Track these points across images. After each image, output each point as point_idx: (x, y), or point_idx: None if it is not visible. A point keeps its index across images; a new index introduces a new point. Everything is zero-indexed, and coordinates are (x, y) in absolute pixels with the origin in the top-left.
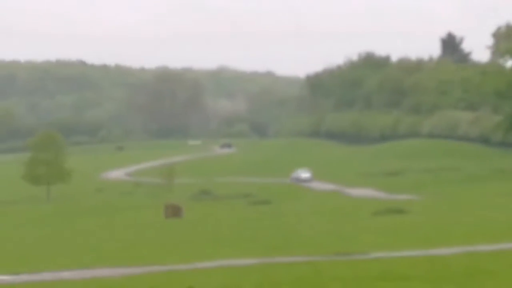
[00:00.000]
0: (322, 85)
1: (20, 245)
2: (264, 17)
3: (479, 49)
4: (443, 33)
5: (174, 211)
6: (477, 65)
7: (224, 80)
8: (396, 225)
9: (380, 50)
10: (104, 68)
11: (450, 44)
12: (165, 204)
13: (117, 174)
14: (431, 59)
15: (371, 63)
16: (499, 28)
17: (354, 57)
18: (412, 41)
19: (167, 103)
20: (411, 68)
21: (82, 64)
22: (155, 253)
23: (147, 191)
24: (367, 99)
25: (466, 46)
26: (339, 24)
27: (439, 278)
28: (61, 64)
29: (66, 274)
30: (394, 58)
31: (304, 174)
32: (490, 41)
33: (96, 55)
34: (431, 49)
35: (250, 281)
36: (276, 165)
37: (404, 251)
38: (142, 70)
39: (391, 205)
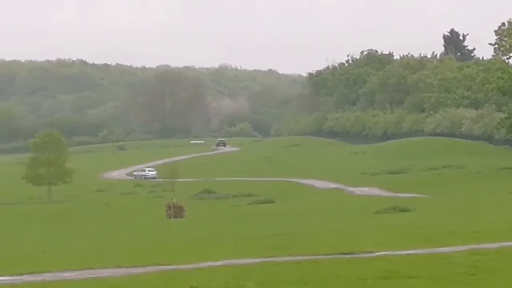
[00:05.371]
0: (324, 83)
1: (21, 245)
2: (266, 15)
3: (482, 46)
4: (446, 30)
5: (176, 211)
6: (480, 62)
7: (225, 79)
8: (400, 224)
9: (382, 47)
10: (105, 67)
11: (453, 41)
12: (167, 203)
13: (118, 174)
14: (434, 57)
15: (373, 61)
16: (502, 25)
17: (357, 55)
18: (415, 38)
19: (168, 102)
20: (414, 65)
21: (83, 63)
22: (157, 253)
23: (149, 190)
24: (369, 97)
25: (469, 43)
26: (342, 21)
27: (443, 277)
28: (62, 64)
29: (67, 275)
30: (397, 55)
31: (151, 172)
32: (493, 38)
33: (97, 54)
34: (434, 46)
35: (253, 280)
36: (279, 164)
37: (409, 250)
38: (143, 69)
39: (395, 204)
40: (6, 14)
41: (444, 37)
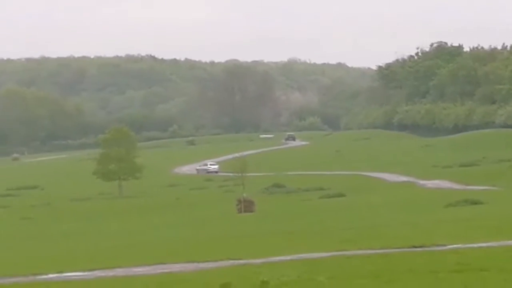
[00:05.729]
0: (394, 76)
1: (93, 241)
2: (335, 8)
3: None
4: None
5: (246, 205)
6: None
7: (294, 73)
8: (472, 216)
9: (452, 39)
10: (174, 62)
11: None
12: (238, 198)
13: (189, 169)
14: (504, 48)
15: (443, 53)
16: None
17: (426, 48)
18: (485, 30)
19: (237, 97)
20: (484, 57)
21: (152, 59)
22: (228, 247)
23: (219, 185)
24: (440, 90)
25: None
26: (411, 14)
27: None
28: (131, 59)
29: (139, 270)
30: (467, 47)
31: (213, 166)
32: None
33: (165, 49)
34: (505, 38)
35: (324, 274)
36: (349, 157)
37: (481, 243)
38: (212, 64)
39: (466, 196)
40: (75, 11)
41: None
